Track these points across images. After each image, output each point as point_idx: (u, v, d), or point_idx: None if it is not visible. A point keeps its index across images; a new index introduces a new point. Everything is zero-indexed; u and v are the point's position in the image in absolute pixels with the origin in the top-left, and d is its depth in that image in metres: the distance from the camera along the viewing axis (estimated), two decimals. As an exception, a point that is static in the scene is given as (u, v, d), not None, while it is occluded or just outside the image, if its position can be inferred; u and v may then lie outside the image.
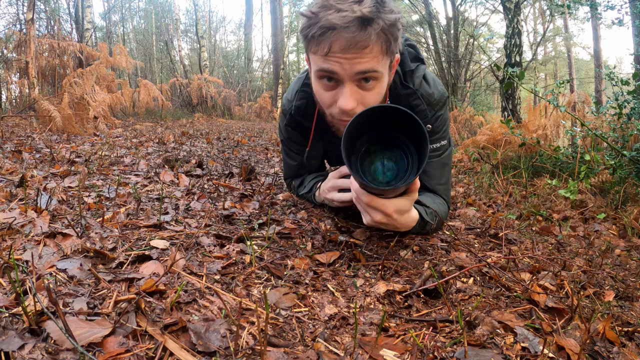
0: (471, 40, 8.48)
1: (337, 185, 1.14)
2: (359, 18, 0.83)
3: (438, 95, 1.14)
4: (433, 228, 1.14)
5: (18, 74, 5.91)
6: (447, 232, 1.22)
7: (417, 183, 0.87)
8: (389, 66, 0.97)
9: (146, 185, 1.45)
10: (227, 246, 0.90)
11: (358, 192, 0.87)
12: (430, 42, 8.78)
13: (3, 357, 0.47)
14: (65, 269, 0.70)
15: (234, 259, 0.83)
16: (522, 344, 0.63)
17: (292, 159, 1.39)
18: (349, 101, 0.91)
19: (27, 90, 5.42)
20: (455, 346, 0.62)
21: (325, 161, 1.51)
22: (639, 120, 2.37)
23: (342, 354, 0.58)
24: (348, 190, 1.06)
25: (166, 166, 1.92)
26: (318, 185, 1.29)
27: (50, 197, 1.12)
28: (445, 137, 1.20)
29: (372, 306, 0.73)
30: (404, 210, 0.88)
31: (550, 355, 0.62)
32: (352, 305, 0.72)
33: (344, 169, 1.15)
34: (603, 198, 2.15)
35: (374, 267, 0.89)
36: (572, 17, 15.03)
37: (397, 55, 1.00)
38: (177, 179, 1.59)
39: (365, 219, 0.92)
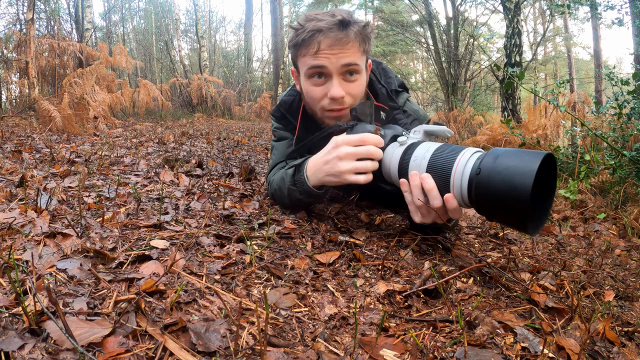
0: (471, 40, 8.48)
1: (357, 153, 0.96)
2: (339, 21, 1.05)
3: (423, 114, 1.29)
4: (453, 224, 1.15)
5: (18, 74, 5.91)
6: (448, 235, 1.22)
7: None
8: (365, 65, 1.14)
9: (146, 185, 1.45)
10: (227, 246, 0.90)
11: (450, 202, 0.82)
12: (430, 42, 8.79)
13: (3, 357, 0.47)
14: (65, 269, 0.70)
15: (234, 259, 0.83)
16: (522, 344, 0.63)
17: (281, 139, 1.33)
18: (338, 90, 1.07)
19: (27, 90, 5.42)
20: (455, 346, 0.62)
21: None
22: (639, 120, 2.37)
23: (342, 354, 0.58)
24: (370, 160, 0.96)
25: (166, 166, 1.92)
26: (306, 164, 1.09)
27: (50, 197, 1.12)
28: None
29: (372, 306, 0.73)
30: None
31: (550, 355, 0.62)
32: (352, 305, 0.72)
33: (366, 136, 0.96)
34: (603, 198, 2.15)
35: (374, 267, 0.89)
36: (572, 17, 15.03)
37: (370, 60, 1.20)
38: (177, 179, 1.59)
39: (424, 219, 0.91)
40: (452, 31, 8.87)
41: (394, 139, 0.99)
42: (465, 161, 0.80)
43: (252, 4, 19.17)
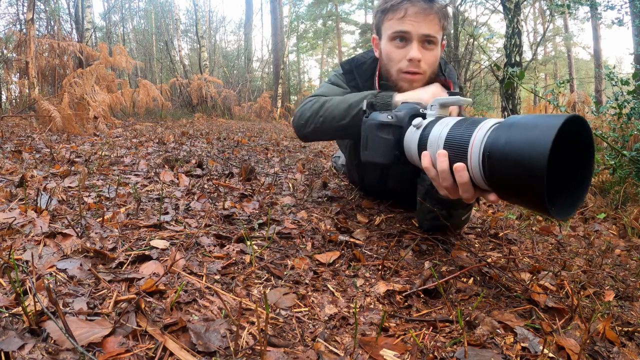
0: (471, 40, 8.48)
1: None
2: None
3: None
4: (464, 219, 1.14)
5: (18, 74, 5.91)
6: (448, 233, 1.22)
7: None
8: (441, 40, 1.24)
9: (146, 185, 1.45)
10: (227, 246, 0.90)
11: (459, 172, 0.73)
12: (430, 42, 8.76)
13: (3, 357, 0.47)
14: (65, 269, 0.70)
15: (234, 259, 0.83)
16: (522, 344, 0.64)
17: (335, 84, 1.38)
18: (416, 52, 1.18)
19: (27, 90, 5.42)
20: (455, 346, 0.62)
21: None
22: (639, 120, 2.37)
23: (342, 354, 0.58)
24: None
25: (166, 166, 1.92)
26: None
27: (50, 197, 1.12)
28: None
29: (372, 306, 0.73)
30: None
31: (550, 355, 0.62)
32: (352, 305, 0.72)
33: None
34: (603, 198, 2.15)
35: (374, 267, 0.89)
36: (572, 17, 15.04)
37: (445, 41, 1.30)
38: (177, 179, 1.59)
39: (450, 194, 0.83)
40: (452, 31, 8.87)
41: (411, 118, 0.93)
42: (483, 135, 0.68)
43: (252, 4, 19.15)
